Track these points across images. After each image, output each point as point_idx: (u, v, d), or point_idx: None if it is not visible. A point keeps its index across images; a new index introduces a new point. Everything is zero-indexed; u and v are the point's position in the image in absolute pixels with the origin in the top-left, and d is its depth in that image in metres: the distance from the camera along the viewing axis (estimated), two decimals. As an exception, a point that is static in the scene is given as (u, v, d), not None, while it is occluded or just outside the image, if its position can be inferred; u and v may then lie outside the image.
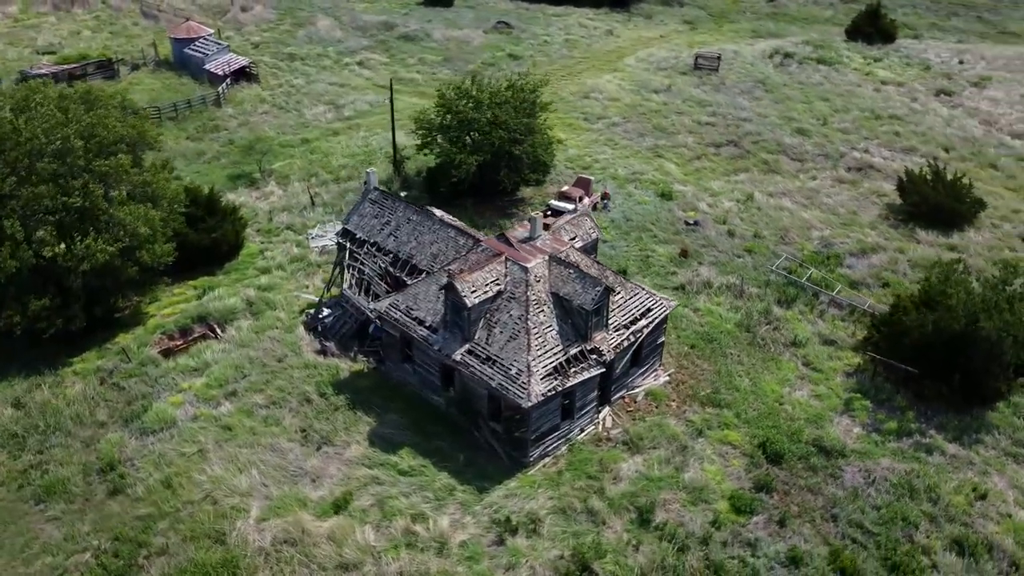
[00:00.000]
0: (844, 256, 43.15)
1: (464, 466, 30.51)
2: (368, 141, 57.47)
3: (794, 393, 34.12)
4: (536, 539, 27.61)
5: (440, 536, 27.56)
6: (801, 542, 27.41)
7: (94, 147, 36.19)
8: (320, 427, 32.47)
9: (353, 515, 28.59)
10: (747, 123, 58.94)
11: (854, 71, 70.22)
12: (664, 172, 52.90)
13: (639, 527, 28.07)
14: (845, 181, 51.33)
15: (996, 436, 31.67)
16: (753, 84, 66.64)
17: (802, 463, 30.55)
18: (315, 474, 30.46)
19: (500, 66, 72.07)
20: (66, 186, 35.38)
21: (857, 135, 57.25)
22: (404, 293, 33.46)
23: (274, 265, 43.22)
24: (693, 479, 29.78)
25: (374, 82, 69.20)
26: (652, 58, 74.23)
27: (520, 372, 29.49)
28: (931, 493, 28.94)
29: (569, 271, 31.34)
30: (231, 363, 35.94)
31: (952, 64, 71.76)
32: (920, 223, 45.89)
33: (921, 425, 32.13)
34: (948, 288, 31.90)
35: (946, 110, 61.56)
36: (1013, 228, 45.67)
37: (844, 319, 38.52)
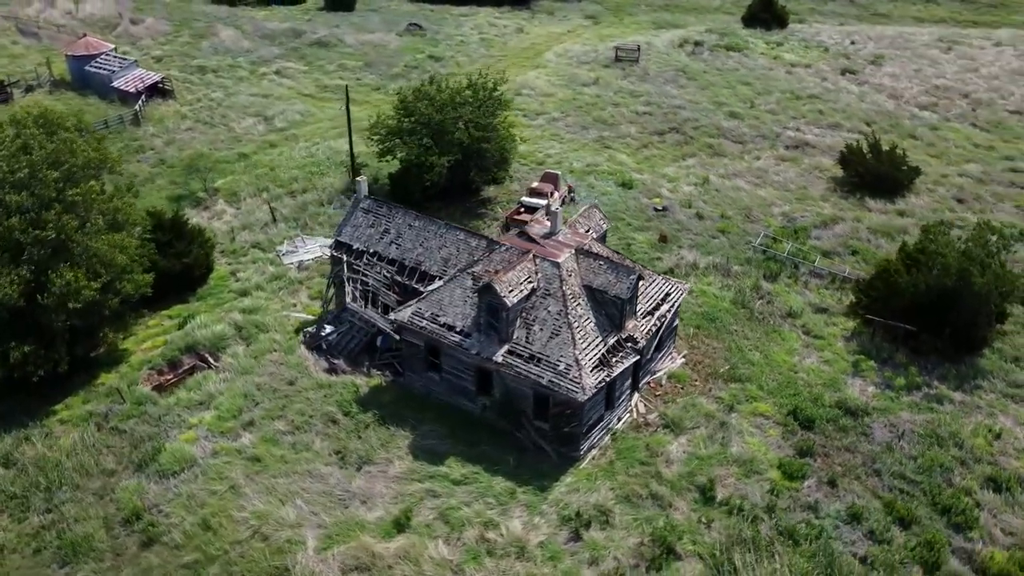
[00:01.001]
0: (810, 229, 45.55)
1: (516, 468, 30.22)
2: (311, 151, 55.58)
3: (804, 361, 35.80)
4: (610, 530, 27.76)
5: (516, 540, 27.23)
6: (855, 499, 28.88)
7: (63, 175, 33.27)
8: (355, 447, 31.30)
9: (419, 531, 27.79)
10: (683, 110, 60.99)
11: (762, 56, 73.92)
12: (617, 162, 53.97)
13: (704, 505, 28.74)
14: (787, 159, 54.10)
15: (992, 380, 34.43)
16: (675, 73, 68.95)
17: (832, 425, 32.15)
18: (364, 495, 29.36)
19: (424, 68, 71.31)
20: (36, 219, 32.39)
21: (784, 115, 60.40)
22: (427, 300, 32.71)
23: (252, 286, 41.20)
24: (740, 453, 30.76)
25: (298, 91, 66.94)
26: (570, 53, 75.35)
27: (569, 367, 29.50)
28: (955, 439, 31.16)
29: (600, 263, 31.60)
30: (238, 392, 34.04)
31: (845, 45, 76.78)
32: (865, 193, 49.02)
33: (925, 378, 34.49)
34: (941, 248, 34.36)
35: (855, 87, 65.92)
36: (946, 191, 49.55)
37: (827, 287, 40.71)
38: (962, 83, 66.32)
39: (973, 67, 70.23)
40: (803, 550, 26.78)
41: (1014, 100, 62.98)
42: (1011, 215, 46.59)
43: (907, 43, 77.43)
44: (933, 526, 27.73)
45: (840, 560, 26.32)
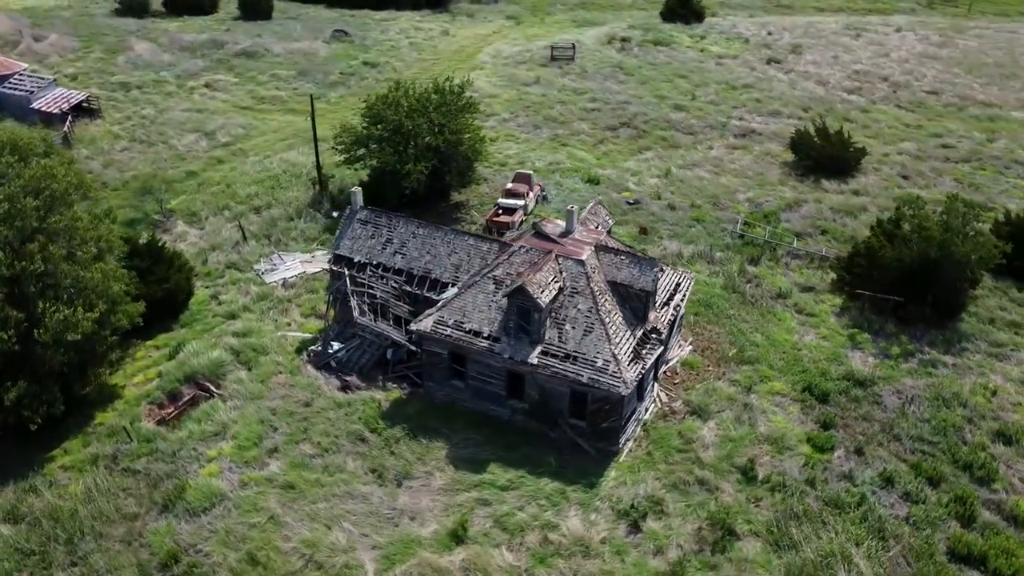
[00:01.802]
0: (778, 212, 47.47)
1: (559, 468, 30.29)
2: (265, 165, 53.78)
3: (803, 339, 37.35)
4: (666, 519, 28.24)
5: (579, 539, 27.32)
6: (883, 464, 30.42)
7: (44, 202, 30.99)
8: (391, 463, 30.61)
9: (478, 541, 27.48)
10: (630, 106, 62.31)
11: (689, 49, 76.38)
12: (577, 159, 54.68)
13: (748, 484, 29.63)
14: (738, 147, 56.16)
15: (975, 342, 36.91)
16: (612, 70, 70.35)
17: (844, 397, 33.72)
18: (411, 511, 28.77)
19: (361, 74, 70.17)
20: (20, 251, 30.08)
21: (726, 106, 62.64)
22: (448, 308, 32.29)
23: (238, 308, 39.52)
24: (769, 431, 31.86)
25: (234, 104, 64.49)
26: (504, 54, 75.70)
27: (607, 363, 29.79)
28: (958, 399, 33.26)
29: (621, 257, 32.04)
30: (253, 419, 32.67)
31: (763, 36, 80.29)
32: (818, 175, 51.48)
33: (916, 345, 36.63)
34: (923, 221, 36.56)
35: (784, 76, 69.07)
36: (891, 169, 52.62)
37: (807, 267, 42.57)
38: (878, 67, 70.54)
39: (884, 52, 74.82)
40: (851, 517, 28.05)
41: (927, 81, 67.47)
42: (953, 188, 49.89)
43: (819, 32, 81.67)
44: (959, 482, 29.57)
45: (887, 522, 27.71)
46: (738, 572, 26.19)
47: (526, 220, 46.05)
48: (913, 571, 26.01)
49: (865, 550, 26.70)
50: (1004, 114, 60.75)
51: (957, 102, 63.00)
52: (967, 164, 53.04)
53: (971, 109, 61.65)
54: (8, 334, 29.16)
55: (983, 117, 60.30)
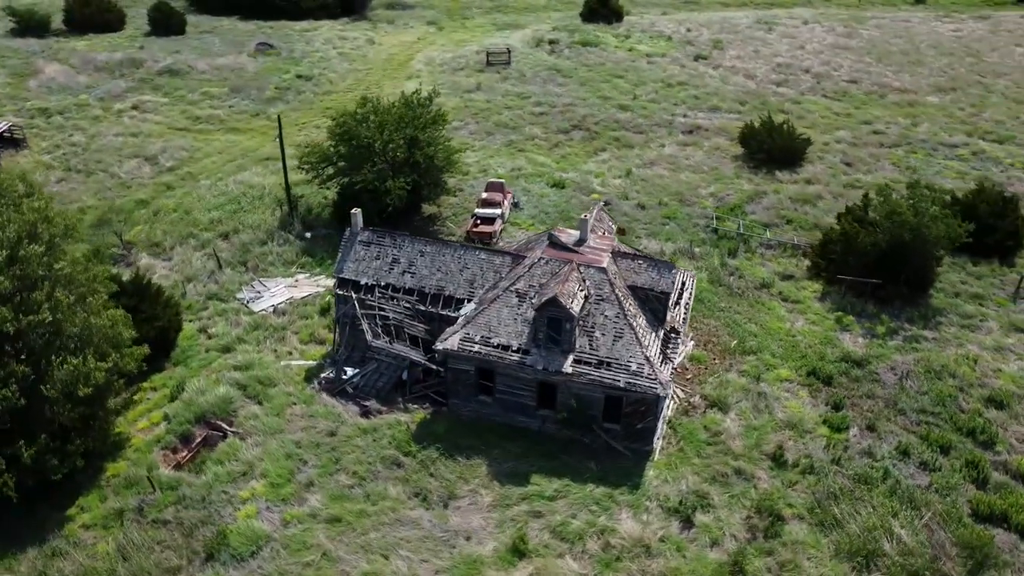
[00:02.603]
0: (742, 205, 49.54)
1: (601, 472, 30.90)
2: (221, 189, 51.93)
3: (795, 325, 39.28)
4: (713, 511, 29.31)
5: (638, 540, 28.03)
6: (895, 438, 32.51)
7: (44, 247, 29.14)
8: (432, 485, 30.47)
9: (540, 553, 27.79)
10: (576, 108, 63.42)
11: (616, 49, 78.23)
12: (537, 164, 55.34)
13: (780, 470, 31.08)
14: (689, 144, 58.13)
15: (948, 316, 39.76)
16: (549, 72, 71.32)
17: (846, 377, 35.74)
18: (465, 531, 28.78)
19: (297, 88, 68.56)
20: (27, 301, 28.21)
21: (667, 103, 64.66)
22: (473, 324, 32.31)
23: (232, 340, 38.20)
24: (787, 417, 33.47)
25: (169, 125, 61.83)
26: (437, 60, 75.52)
27: (642, 365, 30.59)
28: (947, 370, 35.81)
29: (638, 262, 32.90)
30: (278, 454, 31.80)
31: (683, 33, 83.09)
32: (770, 166, 53.97)
33: (897, 323, 39.16)
34: (898, 207, 39.08)
35: (714, 72, 71.80)
36: (834, 157, 55.71)
37: (782, 256, 44.69)
38: (797, 60, 74.33)
39: (799, 44, 78.85)
40: (880, 491, 29.89)
41: (845, 71, 71.62)
42: (893, 172, 53.38)
43: (734, 27, 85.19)
44: (966, 448, 31.96)
45: (914, 492, 29.71)
46: (793, 555, 27.51)
47: (504, 228, 46.41)
48: (948, 535, 28.02)
49: (901, 521, 28.57)
50: (920, 99, 65.27)
51: (877, 90, 67.23)
52: (899, 148, 56.78)
53: (890, 96, 65.92)
54: (12, 391, 27.33)
55: (903, 103, 64.61)
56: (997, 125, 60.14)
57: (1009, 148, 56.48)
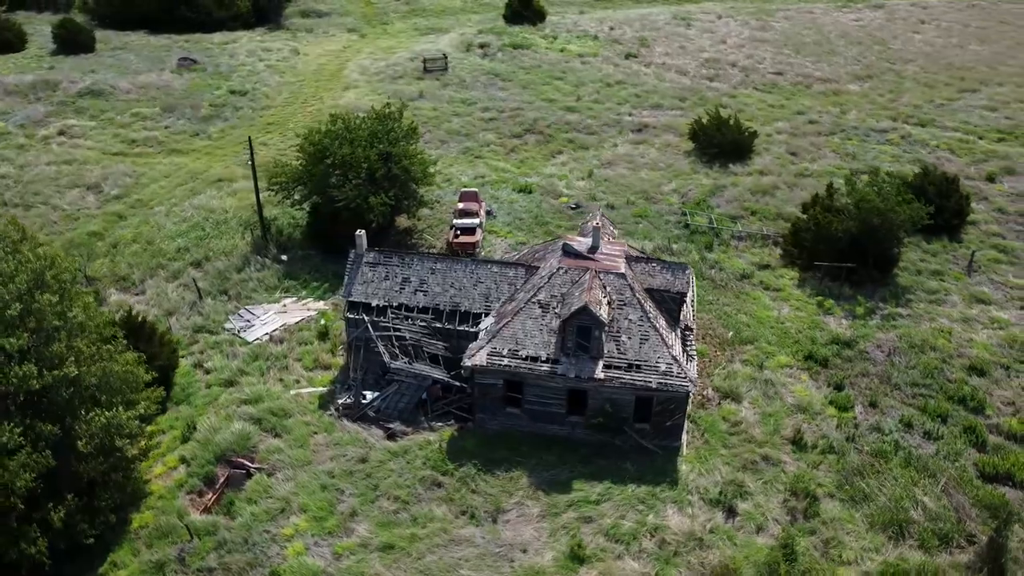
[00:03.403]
0: (706, 199, 51.46)
1: (638, 472, 31.80)
2: (179, 215, 49.96)
3: (781, 313, 41.31)
4: (751, 498, 30.70)
5: (690, 534, 29.08)
6: (896, 412, 34.83)
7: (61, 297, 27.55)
8: (477, 501, 30.63)
9: (599, 557, 28.47)
10: (524, 111, 64.04)
11: (547, 50, 79.28)
12: (499, 170, 55.77)
13: (801, 452, 32.82)
14: (641, 142, 59.76)
15: (915, 293, 42.66)
16: (488, 77, 71.65)
17: (839, 358, 37.94)
18: (520, 544, 29.14)
19: (234, 105, 66.40)
20: (48, 353, 26.64)
21: (611, 103, 66.17)
22: (499, 338, 32.55)
23: (234, 373, 37.05)
24: (796, 401, 35.31)
25: (103, 151, 58.86)
26: (372, 69, 74.60)
27: (671, 365, 31.63)
28: (927, 344, 38.53)
29: (652, 265, 33.93)
30: (313, 486, 31.23)
31: (608, 32, 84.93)
32: (722, 160, 56.21)
33: (872, 303, 41.77)
34: (867, 195, 41.62)
35: (647, 69, 73.87)
36: (778, 148, 58.43)
37: (755, 247, 46.75)
38: (722, 54, 77.36)
39: (720, 39, 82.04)
40: (896, 462, 32.03)
41: (768, 63, 75.08)
42: (834, 161, 56.57)
43: (654, 24, 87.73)
44: (961, 415, 34.58)
45: (927, 460, 31.98)
46: (834, 532, 29.20)
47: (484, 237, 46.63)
48: (966, 497, 30.36)
49: (922, 489, 30.75)
50: (843, 88, 69.27)
51: (802, 81, 70.89)
52: (835, 136, 60.17)
53: (815, 87, 69.62)
54: (45, 454, 25.83)
55: (828, 92, 68.40)
56: (916, 109, 64.57)
57: (932, 131, 60.79)
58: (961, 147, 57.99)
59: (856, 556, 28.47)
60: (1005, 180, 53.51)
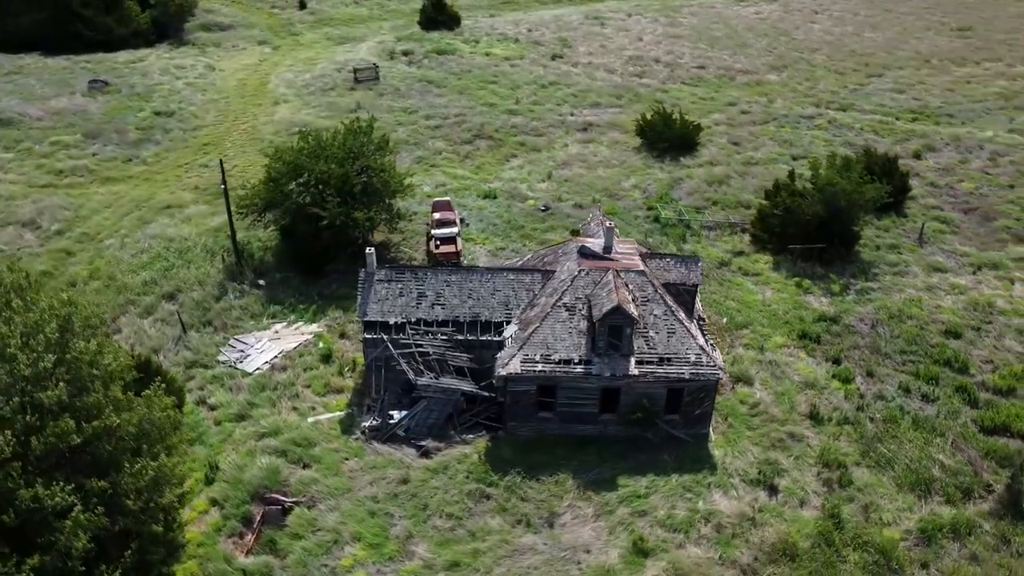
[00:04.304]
0: (667, 193, 53.09)
1: (677, 462, 32.69)
2: (136, 246, 47.34)
3: (765, 296, 43.26)
4: (787, 474, 32.16)
5: (742, 515, 30.23)
6: (893, 379, 37.22)
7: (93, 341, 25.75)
8: (528, 509, 30.73)
9: (663, 548, 29.18)
10: (468, 117, 63.99)
11: (473, 55, 79.42)
12: (457, 177, 55.64)
13: (820, 425, 34.61)
14: (589, 141, 60.88)
15: (879, 267, 45.59)
16: (422, 84, 71.17)
17: (829, 334, 40.14)
18: (583, 545, 29.51)
19: (164, 127, 63.20)
20: (85, 404, 24.86)
21: (551, 103, 67.05)
22: (529, 345, 32.68)
23: (243, 407, 35.55)
24: (803, 378, 37.15)
25: (29, 183, 54.88)
26: (299, 83, 72.66)
27: (699, 355, 32.68)
28: (903, 314, 41.33)
29: (666, 260, 34.91)
30: (360, 513, 30.54)
31: (526, 34, 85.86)
32: (671, 154, 58.11)
33: (844, 279, 44.36)
34: (834, 178, 44.11)
35: (576, 69, 75.15)
36: (720, 139, 60.88)
37: (725, 235, 48.67)
38: (644, 51, 79.73)
39: (637, 36, 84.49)
40: (906, 425, 34.29)
41: (689, 58, 77.94)
42: (774, 148, 59.52)
43: (568, 25, 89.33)
44: (949, 376, 37.34)
45: (932, 421, 34.41)
46: (870, 497, 31.02)
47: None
48: (975, 451, 32.89)
49: (935, 448, 33.09)
50: (763, 79, 72.87)
51: (724, 73, 74.05)
52: (768, 125, 63.27)
53: (738, 78, 72.94)
54: (98, 513, 24.14)
55: (751, 83, 71.79)
56: (834, 95, 68.77)
57: (853, 114, 64.92)
58: (883, 128, 62.26)
59: (894, 517, 30.39)
60: (929, 156, 57.92)
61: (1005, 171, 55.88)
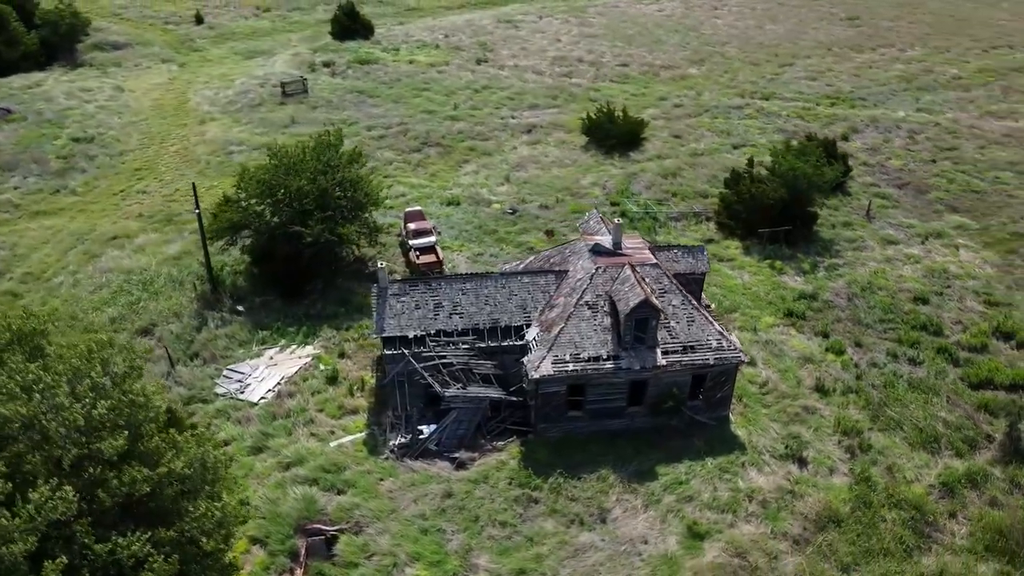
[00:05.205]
0: (626, 188, 54.29)
1: (708, 446, 33.61)
2: (91, 282, 44.36)
3: (744, 279, 45.00)
4: (811, 445, 33.65)
5: (782, 488, 31.45)
6: (879, 347, 39.55)
7: (140, 380, 24.05)
8: (578, 508, 30.88)
9: (717, 530, 29.97)
10: (411, 126, 63.26)
11: (396, 63, 78.50)
12: (416, 186, 55.03)
13: (826, 397, 36.40)
14: (536, 142, 61.40)
15: (839, 243, 48.28)
16: (354, 95, 69.80)
17: (811, 310, 42.23)
18: (640, 537, 29.95)
19: (86, 154, 59.39)
20: (146, 449, 23.22)
21: (489, 107, 67.17)
22: (557, 346, 32.79)
23: (258, 439, 33.99)
24: (800, 354, 38.92)
25: (-51, 224, 50.34)
26: (221, 99, 69.80)
27: (720, 340, 33.72)
28: (873, 285, 43.97)
29: (674, 251, 35.80)
30: (412, 533, 29.89)
31: (444, 39, 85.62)
32: (620, 150, 59.45)
33: (811, 258, 46.75)
34: (795, 163, 46.33)
35: (504, 72, 75.56)
36: (662, 132, 62.75)
37: (692, 225, 50.26)
38: (565, 52, 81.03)
39: (555, 38, 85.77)
40: (902, 388, 36.57)
41: (610, 56, 79.82)
42: (714, 139, 61.88)
43: (483, 29, 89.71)
44: (927, 339, 40.03)
45: (925, 382, 36.84)
46: (891, 459, 32.92)
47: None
48: (969, 406, 35.45)
49: (935, 407, 35.46)
50: (686, 73, 75.54)
51: (648, 70, 76.29)
52: (702, 117, 65.70)
53: (662, 74, 75.33)
54: (172, 561, 22.52)
55: (676, 78, 74.29)
56: (754, 85, 72.17)
57: (777, 103, 68.35)
58: (808, 114, 65.91)
59: (915, 475, 32.40)
60: (856, 138, 61.74)
61: (924, 147, 60.33)
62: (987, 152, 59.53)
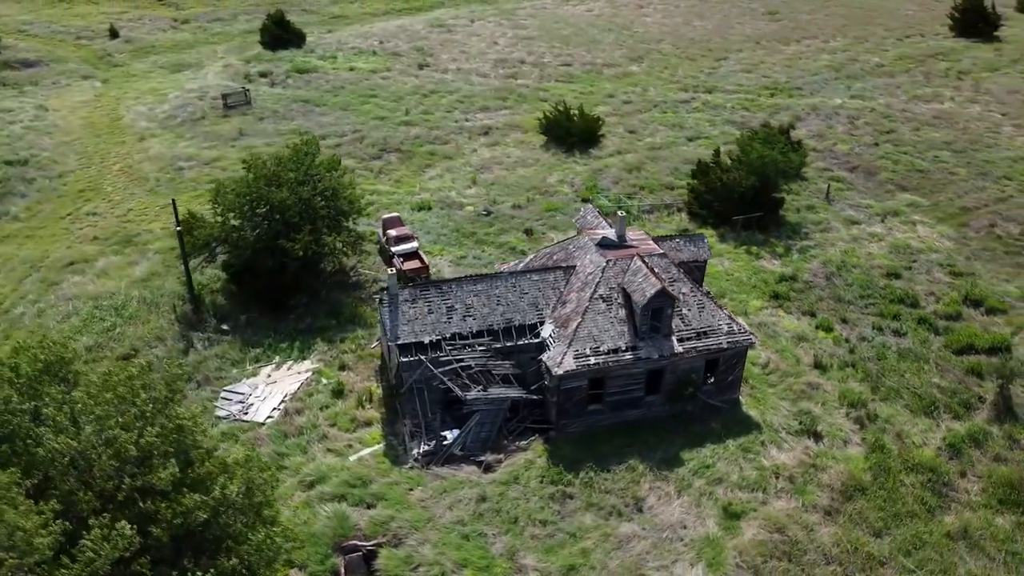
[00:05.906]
0: (594, 184, 54.81)
1: (726, 428, 34.25)
2: (58, 311, 41.80)
3: (724, 266, 46.08)
4: (822, 419, 34.75)
5: (805, 463, 32.41)
6: (865, 321, 41.20)
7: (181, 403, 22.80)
8: (614, 501, 30.99)
9: (752, 508, 30.61)
10: (366, 133, 62.14)
11: (336, 71, 76.95)
12: (383, 192, 54.12)
13: (825, 373, 37.66)
14: (495, 143, 61.31)
15: (807, 226, 50.04)
16: (300, 105, 68.04)
17: (794, 292, 43.62)
18: (679, 523, 30.32)
19: (23, 177, 55.89)
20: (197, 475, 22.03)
21: (441, 112, 66.59)
22: (576, 341, 32.81)
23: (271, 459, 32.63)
24: (792, 334, 40.15)
25: None
26: (158, 114, 66.93)
27: (730, 324, 34.43)
28: (847, 264, 45.76)
29: (677, 241, 36.35)
30: (453, 540, 29.38)
31: (380, 46, 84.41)
32: (580, 148, 59.99)
33: (784, 242, 48.30)
34: (765, 152, 47.74)
35: (448, 76, 75.05)
36: (616, 128, 63.58)
37: (664, 217, 51.12)
38: (505, 54, 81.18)
39: (492, 40, 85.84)
40: (893, 359, 38.21)
41: (550, 57, 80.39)
42: (668, 132, 63.16)
43: (417, 35, 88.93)
44: (906, 311, 41.92)
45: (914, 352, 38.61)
46: (899, 427, 34.33)
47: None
48: (957, 371, 37.33)
49: (928, 373, 37.19)
50: (628, 71, 76.82)
51: (591, 68, 77.23)
52: (652, 112, 66.98)
53: (605, 72, 76.41)
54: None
55: (619, 75, 75.47)
56: (695, 79, 74.08)
57: (719, 95, 70.37)
58: (752, 104, 68.13)
59: (922, 439, 33.91)
60: (800, 125, 64.16)
61: (865, 131, 63.24)
62: (922, 133, 62.90)
